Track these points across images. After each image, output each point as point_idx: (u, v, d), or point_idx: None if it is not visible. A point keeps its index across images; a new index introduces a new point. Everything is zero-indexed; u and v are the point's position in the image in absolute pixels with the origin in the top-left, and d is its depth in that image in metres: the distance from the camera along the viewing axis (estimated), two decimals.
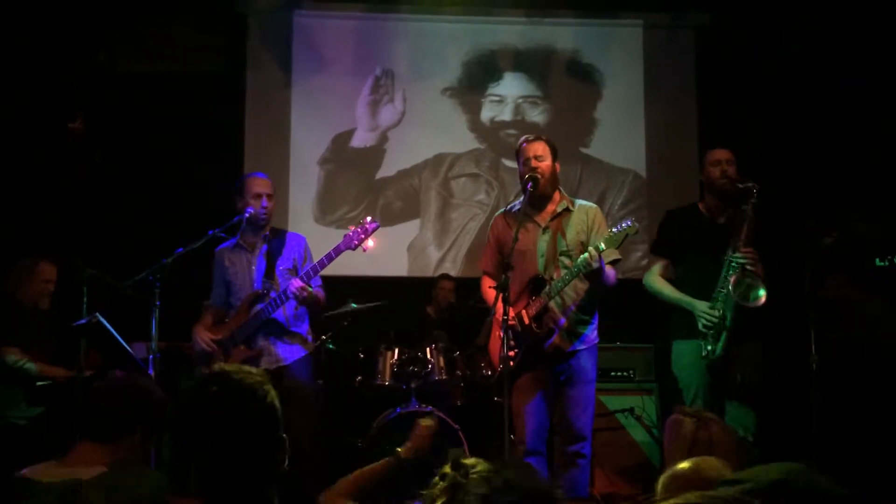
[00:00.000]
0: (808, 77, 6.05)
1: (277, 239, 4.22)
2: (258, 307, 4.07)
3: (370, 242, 4.00)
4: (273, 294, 4.04)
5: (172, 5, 6.18)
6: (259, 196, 4.11)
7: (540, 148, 3.78)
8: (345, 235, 4.02)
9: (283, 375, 3.99)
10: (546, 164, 3.76)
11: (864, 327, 4.72)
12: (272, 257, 4.15)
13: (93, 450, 1.98)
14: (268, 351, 4.09)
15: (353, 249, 3.99)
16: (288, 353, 4.12)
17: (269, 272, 4.11)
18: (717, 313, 3.65)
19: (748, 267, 3.64)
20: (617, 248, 3.59)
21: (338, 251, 3.97)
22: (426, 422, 2.43)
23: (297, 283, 3.94)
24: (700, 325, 3.70)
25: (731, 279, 3.63)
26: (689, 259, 3.87)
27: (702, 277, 3.77)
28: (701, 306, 3.71)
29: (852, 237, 4.86)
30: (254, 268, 4.16)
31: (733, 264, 3.66)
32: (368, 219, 4.04)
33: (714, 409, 3.58)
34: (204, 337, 4.10)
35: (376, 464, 2.37)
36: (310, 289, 3.99)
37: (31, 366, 4.26)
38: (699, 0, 6.50)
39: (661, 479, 1.74)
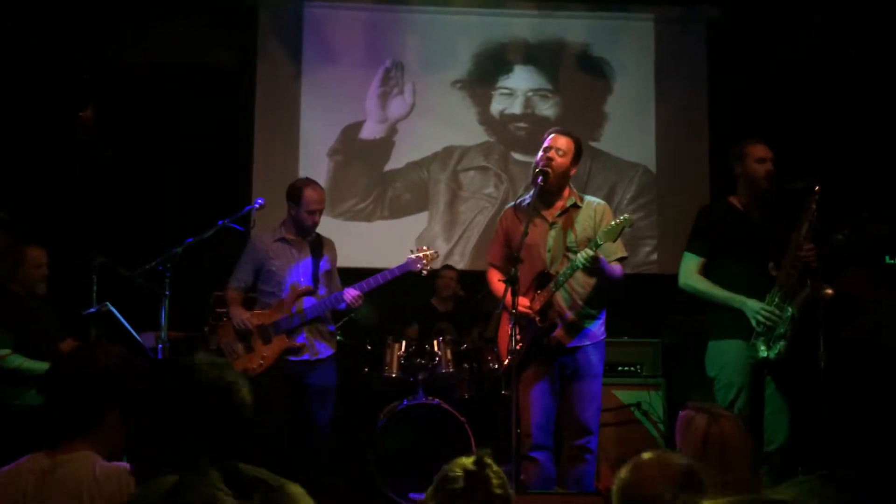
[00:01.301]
0: (821, 72, 6.01)
1: (318, 243, 4.44)
2: (309, 304, 4.27)
3: (428, 267, 4.43)
4: (331, 297, 4.29)
5: None
6: (314, 212, 4.32)
7: (564, 143, 3.74)
8: (407, 259, 4.39)
9: (317, 367, 4.30)
10: (563, 161, 3.72)
11: (874, 325, 4.70)
12: (316, 259, 4.36)
13: (75, 441, 1.94)
14: (310, 344, 4.29)
15: (416, 272, 4.38)
16: (324, 349, 4.35)
17: (315, 273, 4.33)
18: (778, 312, 3.53)
19: (812, 264, 3.56)
20: (615, 241, 3.56)
21: (402, 270, 4.34)
22: None
23: (353, 292, 4.24)
24: (754, 323, 3.56)
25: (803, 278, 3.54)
26: (729, 257, 3.73)
27: (742, 275, 3.67)
28: (754, 305, 3.58)
29: (863, 235, 4.84)
30: (300, 265, 4.33)
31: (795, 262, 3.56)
32: (426, 247, 4.47)
33: (755, 410, 3.54)
34: (247, 317, 4.22)
35: None
36: (361, 301, 4.29)
37: (31, 364, 4.17)
38: None
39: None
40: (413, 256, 4.38)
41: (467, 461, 1.64)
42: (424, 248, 4.44)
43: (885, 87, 5.67)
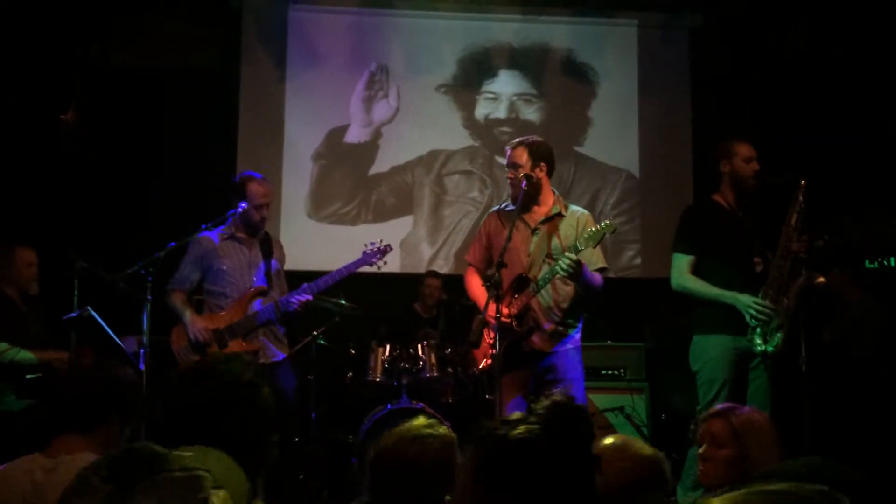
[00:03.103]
0: (802, 78, 6.07)
1: (267, 241, 4.33)
2: (261, 306, 4.17)
3: (384, 261, 4.33)
4: (283, 299, 4.17)
5: None
6: (261, 207, 4.20)
7: (516, 156, 3.76)
8: (363, 253, 4.30)
9: (273, 371, 4.15)
10: (521, 172, 3.73)
11: (856, 326, 4.75)
12: (267, 259, 4.26)
13: (72, 440, 2.02)
14: (264, 346, 4.19)
15: (370, 266, 4.28)
16: (277, 352, 4.25)
17: (268, 273, 4.22)
18: (772, 305, 3.54)
19: (802, 255, 3.59)
20: (595, 247, 3.56)
21: (357, 265, 4.25)
22: None
23: (305, 297, 4.14)
24: (748, 318, 3.56)
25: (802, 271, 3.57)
26: (716, 254, 3.75)
27: (729, 271, 3.68)
28: (747, 299, 3.58)
29: (843, 240, 4.89)
30: (252, 264, 4.23)
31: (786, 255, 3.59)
32: (381, 240, 4.37)
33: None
34: (203, 326, 4.11)
35: None
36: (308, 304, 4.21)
37: (24, 354, 4.16)
38: (694, 1, 6.51)
39: None
40: (367, 251, 4.29)
41: None
42: (379, 240, 4.36)
43: (867, 94, 5.74)
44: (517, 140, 3.87)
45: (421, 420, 2.04)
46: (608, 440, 1.79)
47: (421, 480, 1.89)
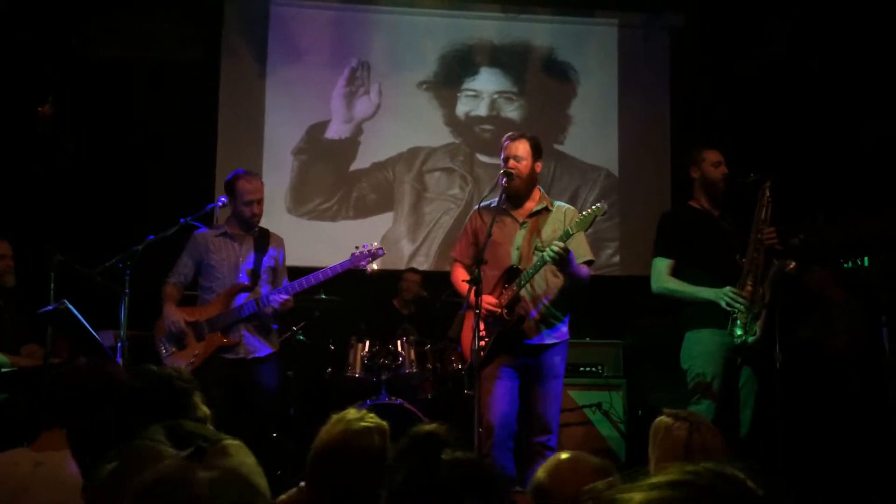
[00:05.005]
0: (781, 79, 6.13)
1: (263, 237, 4.34)
2: (242, 301, 4.16)
3: (374, 265, 4.25)
4: (263, 297, 4.16)
5: None
6: (251, 203, 4.22)
7: (520, 148, 3.82)
8: (351, 255, 4.23)
9: (254, 366, 4.17)
10: (524, 164, 3.80)
11: (834, 324, 4.81)
12: (259, 255, 4.26)
13: (60, 436, 1.99)
14: (245, 341, 4.18)
15: (359, 268, 4.21)
16: (261, 346, 4.23)
17: (256, 269, 4.22)
18: (745, 294, 3.59)
19: (776, 246, 3.66)
20: (587, 230, 3.62)
21: (343, 267, 4.19)
22: None
23: (282, 297, 4.12)
24: (724, 305, 3.60)
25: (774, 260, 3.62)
26: (699, 257, 3.81)
27: (715, 272, 3.74)
28: (721, 290, 3.63)
29: (819, 240, 4.95)
30: (241, 260, 4.24)
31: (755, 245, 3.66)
32: (375, 244, 4.28)
33: (726, 401, 3.60)
34: (178, 318, 4.12)
35: None
36: (291, 304, 4.18)
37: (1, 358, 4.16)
38: (674, 1, 6.57)
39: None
40: (356, 253, 4.25)
41: None
42: (374, 243, 4.31)
43: (845, 93, 5.81)
44: (518, 133, 3.95)
45: (353, 412, 2.06)
46: (562, 455, 1.79)
47: (364, 473, 1.91)
